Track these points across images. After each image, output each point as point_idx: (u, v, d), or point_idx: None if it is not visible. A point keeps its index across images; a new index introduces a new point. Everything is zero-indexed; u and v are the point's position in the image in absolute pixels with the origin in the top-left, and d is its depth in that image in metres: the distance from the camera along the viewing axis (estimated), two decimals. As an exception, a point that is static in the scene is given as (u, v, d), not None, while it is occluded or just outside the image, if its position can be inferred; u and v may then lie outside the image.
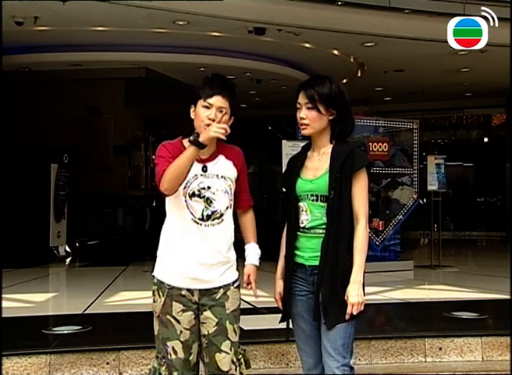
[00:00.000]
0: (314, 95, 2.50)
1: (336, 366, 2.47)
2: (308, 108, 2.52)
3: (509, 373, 3.80)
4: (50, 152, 10.52)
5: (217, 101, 2.50)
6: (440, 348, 4.25)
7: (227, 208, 2.57)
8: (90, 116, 12.18)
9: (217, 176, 2.56)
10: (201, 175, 2.53)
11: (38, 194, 9.73)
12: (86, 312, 5.19)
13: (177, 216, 2.57)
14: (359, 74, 11.11)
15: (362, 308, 2.43)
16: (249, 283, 2.66)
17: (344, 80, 11.38)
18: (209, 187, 2.53)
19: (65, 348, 3.94)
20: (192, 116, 2.60)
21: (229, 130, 2.39)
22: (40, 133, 11.30)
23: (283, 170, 2.91)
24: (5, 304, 4.14)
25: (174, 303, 2.53)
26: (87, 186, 11.01)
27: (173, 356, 2.53)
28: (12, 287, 6.29)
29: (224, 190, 2.56)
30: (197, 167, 2.52)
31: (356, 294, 2.41)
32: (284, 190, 2.73)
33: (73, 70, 10.75)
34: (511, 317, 4.22)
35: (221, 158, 2.60)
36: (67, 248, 9.96)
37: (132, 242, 11.88)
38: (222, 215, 2.55)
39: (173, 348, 2.52)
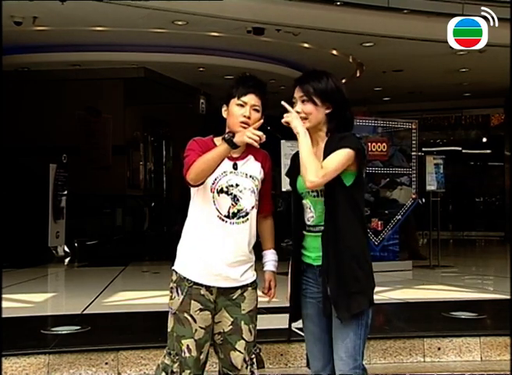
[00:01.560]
0: (309, 89, 2.46)
1: (347, 369, 2.42)
2: (303, 101, 2.48)
3: (507, 373, 3.81)
4: (49, 152, 10.52)
5: (251, 99, 2.55)
6: (439, 348, 4.25)
7: (252, 207, 2.60)
8: (89, 115, 12.19)
9: (246, 175, 2.59)
10: (231, 172, 2.57)
11: (37, 194, 9.73)
12: (85, 312, 5.18)
13: (203, 211, 2.58)
14: (358, 74, 11.12)
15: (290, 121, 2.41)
16: (269, 289, 2.70)
17: (343, 80, 11.37)
18: (237, 185, 2.56)
19: (64, 348, 3.93)
20: (224, 115, 2.63)
21: (264, 139, 2.40)
22: (39, 133, 11.30)
23: (282, 170, 2.90)
24: (3, 304, 4.13)
25: (193, 302, 2.55)
26: (86, 186, 11.01)
27: (187, 354, 2.54)
28: (10, 287, 6.28)
29: (251, 189, 2.59)
30: (227, 164, 2.56)
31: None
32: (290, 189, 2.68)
33: (72, 70, 10.74)
34: (511, 317, 4.22)
35: (250, 158, 2.63)
36: (66, 248, 9.96)
37: (131, 242, 11.89)
38: (247, 214, 2.58)
39: (188, 346, 2.54)
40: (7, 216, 7.95)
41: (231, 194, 2.55)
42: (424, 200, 9.76)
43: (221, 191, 2.54)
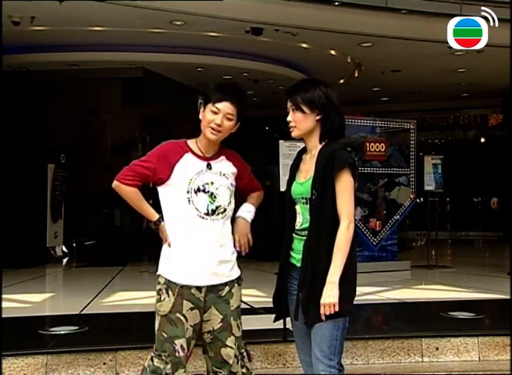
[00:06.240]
0: (297, 99, 2.57)
1: (322, 368, 2.50)
2: (293, 111, 2.59)
3: (506, 372, 3.81)
4: (47, 152, 10.50)
5: (225, 107, 2.60)
6: (437, 348, 4.25)
7: (229, 203, 2.67)
8: (87, 115, 12.17)
9: (220, 173, 2.67)
10: (206, 171, 2.64)
11: (35, 195, 9.71)
12: (83, 312, 5.19)
13: (180, 213, 2.63)
14: (356, 74, 11.12)
15: (337, 310, 2.41)
16: (241, 237, 2.73)
17: (341, 81, 11.40)
18: (212, 183, 2.63)
19: (62, 348, 3.93)
20: (200, 116, 2.68)
21: None
22: (37, 134, 11.27)
23: (280, 170, 2.97)
24: (2, 304, 4.13)
25: (185, 302, 2.59)
26: (84, 186, 11.00)
27: (181, 353, 2.58)
28: (9, 287, 6.27)
29: (226, 186, 2.67)
30: (201, 164, 2.64)
31: (327, 295, 2.41)
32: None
33: (70, 70, 10.72)
34: (511, 317, 4.23)
35: (223, 158, 2.72)
36: (64, 249, 9.94)
37: (129, 242, 11.86)
38: (225, 210, 2.65)
39: (181, 345, 2.58)
40: (6, 216, 7.93)
41: (208, 191, 2.61)
42: (422, 199, 9.77)
43: (198, 190, 2.61)
